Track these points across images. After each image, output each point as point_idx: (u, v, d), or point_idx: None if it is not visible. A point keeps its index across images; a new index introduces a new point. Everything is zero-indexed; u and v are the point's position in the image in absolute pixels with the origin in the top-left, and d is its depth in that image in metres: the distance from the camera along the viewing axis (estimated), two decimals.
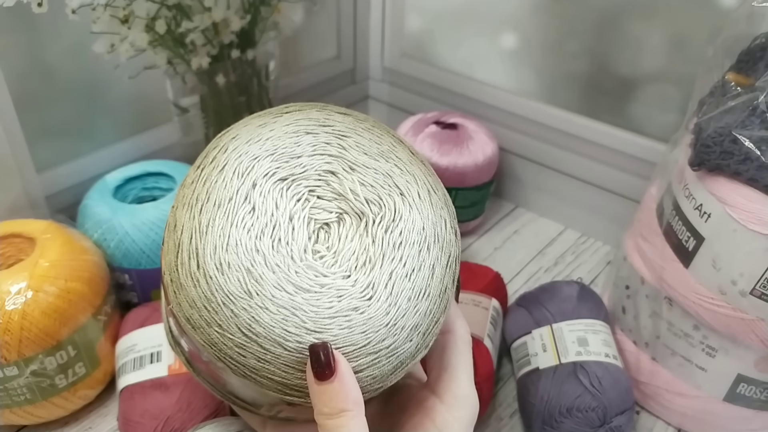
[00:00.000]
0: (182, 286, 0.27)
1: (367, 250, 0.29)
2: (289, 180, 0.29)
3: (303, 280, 0.28)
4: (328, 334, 0.27)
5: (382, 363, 0.28)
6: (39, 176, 0.60)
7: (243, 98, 0.70)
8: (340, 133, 0.31)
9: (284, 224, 0.28)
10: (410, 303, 0.28)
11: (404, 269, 0.29)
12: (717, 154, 0.42)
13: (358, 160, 0.30)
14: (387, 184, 0.30)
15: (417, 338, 0.29)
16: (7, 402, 0.46)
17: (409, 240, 0.29)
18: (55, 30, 0.61)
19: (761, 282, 0.41)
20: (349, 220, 0.30)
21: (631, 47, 0.66)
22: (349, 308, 0.27)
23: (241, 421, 0.42)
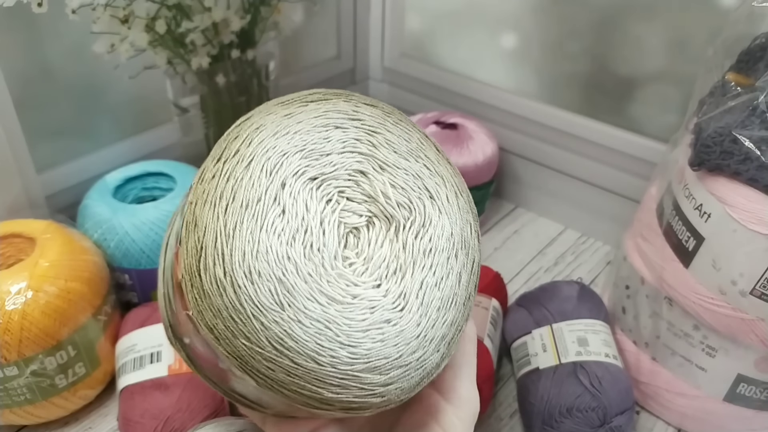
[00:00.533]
0: (206, 293, 0.25)
1: (397, 257, 0.28)
2: (319, 179, 0.28)
3: (335, 290, 0.26)
4: (362, 348, 0.26)
5: (410, 375, 0.27)
6: (39, 176, 0.60)
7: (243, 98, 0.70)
8: (370, 128, 0.29)
9: (315, 229, 0.27)
10: (439, 313, 0.28)
11: (434, 278, 0.28)
12: (717, 154, 0.42)
13: (389, 159, 0.29)
14: (417, 187, 0.29)
15: (443, 349, 0.28)
16: (7, 402, 0.46)
17: (439, 246, 0.28)
18: (55, 30, 0.61)
19: (761, 282, 0.41)
20: (378, 225, 0.28)
21: (631, 47, 0.66)
22: (381, 320, 0.26)
23: (242, 421, 0.42)
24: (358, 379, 0.26)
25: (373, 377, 0.26)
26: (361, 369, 0.26)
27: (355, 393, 0.26)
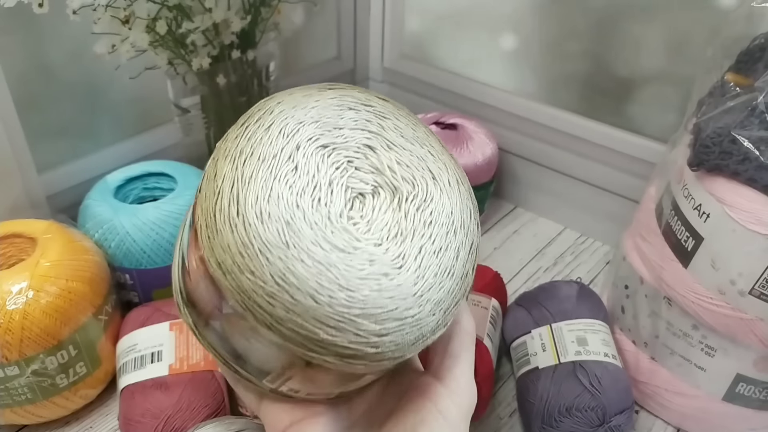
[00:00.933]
0: (218, 231, 0.27)
1: (398, 224, 0.29)
2: (330, 148, 0.30)
3: (338, 240, 0.28)
4: (359, 293, 0.27)
5: (405, 331, 0.28)
6: (40, 176, 0.60)
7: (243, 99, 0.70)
8: (380, 113, 0.32)
9: (324, 187, 0.29)
10: (436, 279, 0.29)
11: (432, 246, 0.29)
12: (716, 154, 0.42)
13: (396, 140, 0.31)
14: (421, 167, 0.31)
15: (439, 314, 0.29)
16: (8, 401, 0.46)
17: (439, 221, 0.30)
18: (56, 31, 0.61)
19: (760, 282, 0.41)
20: (383, 194, 0.30)
21: (631, 48, 0.66)
22: (380, 273, 0.28)
23: (242, 421, 0.42)
24: (354, 324, 0.27)
25: (368, 324, 0.27)
26: (357, 314, 0.27)
27: (350, 338, 0.27)
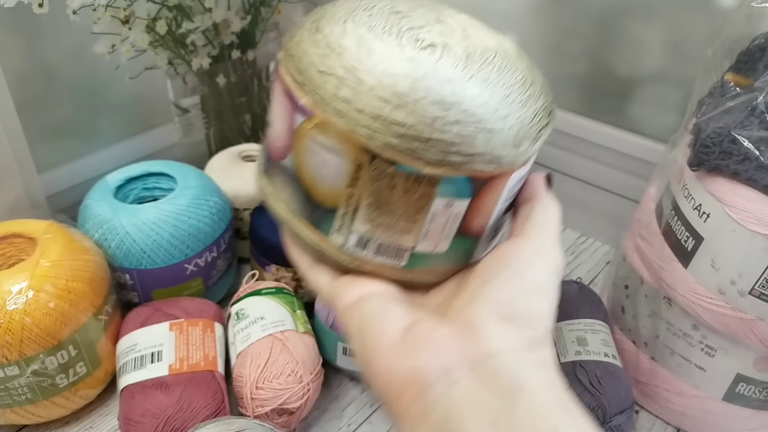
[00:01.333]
0: (297, 44, 0.30)
1: (471, 66, 0.30)
2: (402, 14, 0.32)
3: (407, 50, 0.29)
4: (425, 83, 0.28)
5: (471, 128, 0.28)
6: (40, 176, 0.60)
7: (243, 99, 0.71)
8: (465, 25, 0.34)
9: (403, 25, 0.31)
10: (502, 105, 0.29)
11: (501, 89, 0.30)
12: (716, 154, 0.42)
13: (465, 21, 0.34)
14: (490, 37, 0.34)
15: (506, 133, 0.29)
16: (8, 401, 0.46)
17: (515, 77, 0.31)
18: (56, 31, 0.61)
19: (760, 282, 0.41)
20: (453, 49, 0.31)
21: (631, 48, 0.66)
22: (452, 78, 0.29)
23: (242, 421, 0.42)
24: (422, 107, 0.27)
25: (436, 110, 0.27)
26: (425, 97, 0.27)
27: (418, 119, 0.27)
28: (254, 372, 0.47)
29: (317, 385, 0.49)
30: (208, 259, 0.56)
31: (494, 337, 0.27)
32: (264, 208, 0.59)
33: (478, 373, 0.26)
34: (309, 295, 0.58)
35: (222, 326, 0.53)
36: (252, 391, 0.46)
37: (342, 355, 0.52)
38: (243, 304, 0.52)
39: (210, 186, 0.58)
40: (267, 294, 0.53)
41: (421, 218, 0.30)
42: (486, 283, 0.29)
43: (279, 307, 0.52)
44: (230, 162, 0.65)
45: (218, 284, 0.60)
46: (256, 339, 0.49)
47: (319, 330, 0.53)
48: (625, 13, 0.65)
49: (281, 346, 0.48)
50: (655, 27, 0.64)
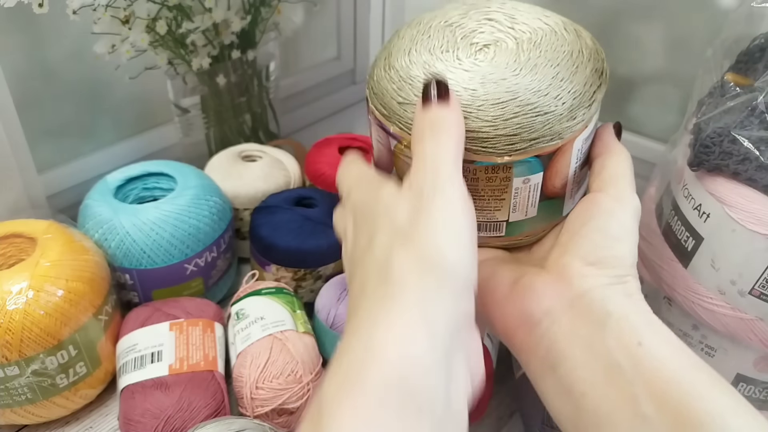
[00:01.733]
0: (375, 79, 0.36)
1: (518, 57, 0.35)
2: (455, 25, 0.37)
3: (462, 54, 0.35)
4: (483, 90, 0.33)
5: (530, 116, 0.33)
6: (40, 176, 0.60)
7: (243, 99, 0.71)
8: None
9: (457, 39, 0.36)
10: (557, 79, 0.34)
11: (551, 69, 0.34)
12: (716, 154, 0.42)
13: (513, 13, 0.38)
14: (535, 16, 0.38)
15: (560, 107, 0.33)
16: (8, 401, 0.46)
17: (562, 53, 0.35)
18: (56, 30, 0.61)
19: (760, 282, 0.41)
20: (511, 44, 0.36)
21: (631, 48, 0.66)
22: (504, 75, 0.34)
23: (242, 421, 0.42)
24: (484, 112, 0.33)
25: (495, 111, 0.33)
26: (485, 101, 0.33)
27: (483, 122, 0.32)
28: (254, 372, 0.47)
29: (317, 385, 0.49)
30: (208, 259, 0.56)
31: (584, 279, 0.32)
32: (264, 208, 0.59)
33: (574, 310, 0.31)
34: (309, 295, 0.58)
35: (222, 326, 0.53)
36: (252, 391, 0.46)
37: None
38: (243, 304, 0.53)
39: (210, 186, 0.58)
40: (267, 294, 0.53)
41: (506, 196, 0.36)
42: (574, 236, 0.34)
43: (279, 307, 0.52)
44: (230, 162, 0.65)
45: (218, 284, 0.60)
46: (256, 339, 0.49)
47: (319, 330, 0.53)
48: (625, 13, 0.65)
49: (281, 346, 0.48)
50: (655, 27, 0.64)
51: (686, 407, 0.27)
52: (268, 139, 0.76)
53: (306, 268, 0.57)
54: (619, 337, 0.30)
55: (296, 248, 0.56)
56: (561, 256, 0.33)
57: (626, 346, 0.29)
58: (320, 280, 0.58)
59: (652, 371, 0.28)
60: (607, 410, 0.29)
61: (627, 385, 0.29)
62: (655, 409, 0.28)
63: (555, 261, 0.33)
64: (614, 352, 0.29)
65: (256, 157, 0.68)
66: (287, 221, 0.57)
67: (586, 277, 0.32)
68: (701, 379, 0.28)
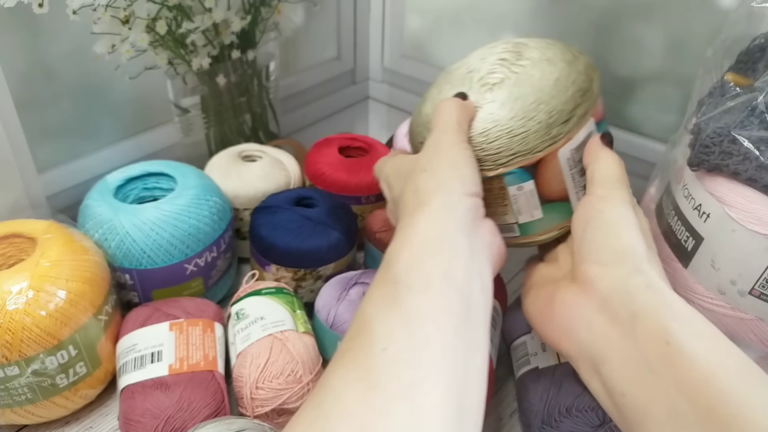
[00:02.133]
0: (413, 123, 0.46)
1: (514, 88, 0.42)
2: (474, 71, 0.46)
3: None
4: (478, 124, 0.42)
5: (532, 120, 0.40)
6: (40, 176, 0.60)
7: (243, 99, 0.71)
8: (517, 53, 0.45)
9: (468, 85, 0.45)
10: (535, 104, 0.41)
11: (533, 95, 0.41)
12: (716, 154, 0.42)
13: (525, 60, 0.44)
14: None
15: (542, 116, 0.40)
16: (8, 401, 0.46)
17: (548, 80, 0.42)
18: (56, 30, 0.61)
19: (760, 282, 0.41)
20: (512, 80, 0.43)
21: (630, 48, 0.66)
22: (492, 109, 0.42)
23: (242, 421, 0.42)
24: (474, 139, 0.41)
25: (481, 138, 0.41)
26: (477, 133, 0.41)
27: (476, 148, 0.41)
28: (254, 372, 0.47)
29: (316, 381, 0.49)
30: (208, 259, 0.56)
31: (602, 280, 0.35)
32: (264, 208, 0.59)
33: (603, 314, 0.34)
34: (309, 295, 0.58)
35: (222, 326, 0.53)
36: (252, 391, 0.46)
37: None
38: (243, 304, 0.53)
39: (210, 186, 0.58)
40: (267, 294, 0.53)
41: (507, 202, 0.43)
42: (581, 242, 0.37)
43: (279, 307, 0.52)
44: (230, 162, 0.65)
45: (218, 284, 0.60)
46: (256, 339, 0.49)
47: (319, 330, 0.53)
48: (625, 13, 0.65)
49: (281, 346, 0.48)
50: (655, 27, 0.64)
51: (717, 403, 0.29)
52: (268, 139, 0.76)
53: (306, 268, 0.57)
54: (647, 338, 0.32)
55: (296, 248, 0.56)
56: (579, 264, 0.37)
57: (655, 345, 0.31)
58: (320, 280, 0.58)
59: (682, 369, 0.30)
60: (644, 408, 0.31)
61: (660, 384, 0.31)
62: (687, 406, 0.30)
63: (576, 270, 0.37)
64: (645, 353, 0.32)
65: (256, 157, 0.68)
66: (287, 221, 0.57)
67: (603, 279, 0.35)
68: (732, 373, 0.30)
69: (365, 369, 0.29)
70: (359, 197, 0.65)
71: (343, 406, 0.28)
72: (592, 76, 0.43)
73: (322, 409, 0.29)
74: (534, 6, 0.72)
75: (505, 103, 0.42)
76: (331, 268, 0.58)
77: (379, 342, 0.30)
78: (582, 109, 0.41)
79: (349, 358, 0.31)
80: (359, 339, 0.31)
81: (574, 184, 0.43)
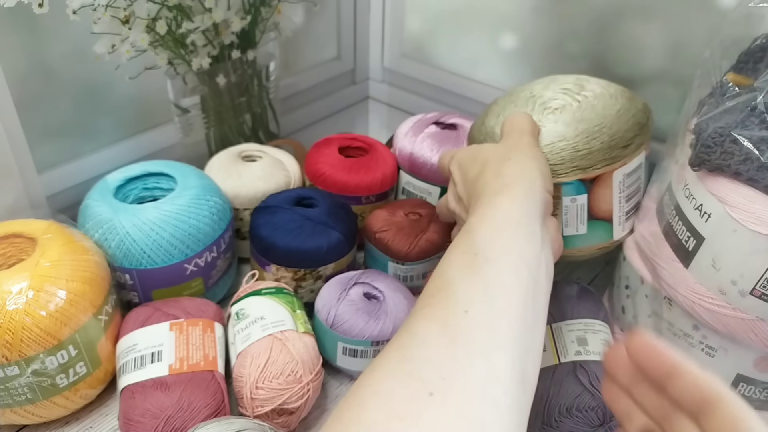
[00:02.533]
0: (472, 133, 0.55)
1: (578, 113, 0.50)
2: (536, 96, 0.53)
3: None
4: (545, 138, 0.49)
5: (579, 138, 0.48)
6: (40, 176, 0.60)
7: (243, 99, 0.71)
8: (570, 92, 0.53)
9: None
10: (598, 127, 0.48)
11: (597, 119, 0.49)
12: (717, 154, 0.42)
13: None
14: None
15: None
16: (8, 401, 0.46)
17: (611, 110, 0.49)
18: (56, 30, 0.61)
19: (761, 282, 0.41)
20: (574, 106, 0.51)
21: (631, 48, 0.66)
22: (557, 128, 0.49)
23: (242, 421, 0.42)
24: (545, 150, 0.48)
25: (550, 148, 0.48)
26: (545, 145, 0.49)
27: None
28: (254, 372, 0.47)
29: (317, 385, 0.49)
30: (208, 259, 0.56)
31: None
32: (264, 208, 0.59)
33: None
34: (309, 295, 0.58)
35: (222, 326, 0.53)
36: (252, 391, 0.46)
37: (342, 355, 0.52)
38: (243, 304, 0.52)
39: (210, 186, 0.58)
40: (267, 294, 0.53)
41: (558, 212, 0.49)
42: None
43: (279, 307, 0.52)
44: (230, 162, 0.65)
45: (218, 284, 0.60)
46: (256, 339, 0.49)
47: (319, 330, 0.53)
48: (625, 13, 0.65)
49: (281, 346, 0.48)
50: (655, 27, 0.64)
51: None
52: (268, 139, 0.76)
53: (306, 268, 0.57)
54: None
55: (296, 248, 0.55)
56: None
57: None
58: (320, 280, 0.58)
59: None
60: None
61: None
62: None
63: None
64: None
65: (256, 157, 0.68)
66: (287, 221, 0.57)
67: None
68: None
69: (448, 325, 0.33)
70: (359, 197, 0.65)
71: (426, 353, 0.32)
72: (648, 115, 0.51)
73: (404, 353, 0.32)
74: (534, 6, 0.72)
75: (570, 124, 0.49)
76: (331, 268, 0.58)
77: (461, 304, 0.34)
78: (639, 140, 0.49)
79: (430, 312, 0.34)
80: (440, 297, 0.35)
81: (620, 208, 0.50)
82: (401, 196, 0.70)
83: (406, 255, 0.59)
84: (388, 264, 0.60)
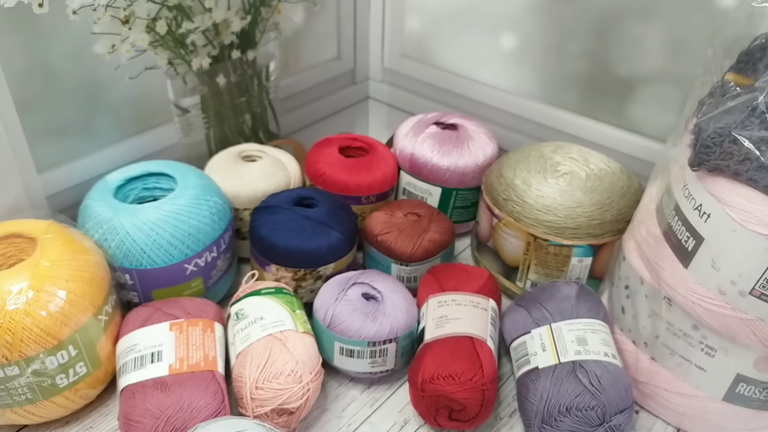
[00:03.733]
0: (491, 184, 0.61)
1: (588, 182, 0.59)
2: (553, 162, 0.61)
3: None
4: (559, 199, 0.57)
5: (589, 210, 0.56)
6: (40, 176, 0.60)
7: (243, 99, 0.71)
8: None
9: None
10: (608, 200, 0.57)
11: (607, 190, 0.57)
12: (717, 154, 0.42)
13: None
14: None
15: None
16: (8, 401, 0.46)
17: (617, 185, 0.58)
18: (56, 31, 0.61)
19: (760, 282, 0.41)
20: (582, 175, 0.59)
21: (631, 48, 0.66)
22: (574, 193, 0.57)
23: (242, 421, 0.42)
24: (558, 211, 0.57)
25: (567, 212, 0.56)
26: (559, 206, 0.57)
27: (558, 218, 0.56)
28: (254, 372, 0.47)
29: (317, 385, 0.49)
30: (208, 259, 0.56)
31: None
32: (264, 208, 0.59)
33: None
34: (309, 295, 0.58)
35: (222, 326, 0.53)
36: (252, 391, 0.46)
37: (339, 355, 0.52)
38: (243, 304, 0.52)
39: (210, 186, 0.58)
40: (267, 294, 0.53)
41: (565, 269, 0.58)
42: None
43: (278, 307, 0.52)
44: (230, 162, 0.65)
45: (218, 284, 0.60)
46: (256, 339, 0.49)
47: (317, 330, 0.53)
48: (625, 13, 0.65)
49: (281, 346, 0.48)
50: (655, 27, 0.64)
51: None
52: (268, 139, 0.76)
53: (306, 268, 0.57)
54: None
55: (296, 248, 0.56)
56: None
57: None
58: (320, 280, 0.58)
59: None
60: None
61: None
62: None
63: None
64: None
65: (256, 157, 0.68)
66: (287, 221, 0.57)
67: None
68: None
69: None
70: (359, 197, 0.65)
71: None
72: (641, 195, 0.55)
73: None
74: (534, 6, 0.72)
75: (586, 192, 0.57)
76: (331, 268, 0.58)
77: None
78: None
79: None
80: None
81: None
82: (402, 197, 0.70)
83: (410, 256, 0.59)
84: (391, 266, 0.60)
